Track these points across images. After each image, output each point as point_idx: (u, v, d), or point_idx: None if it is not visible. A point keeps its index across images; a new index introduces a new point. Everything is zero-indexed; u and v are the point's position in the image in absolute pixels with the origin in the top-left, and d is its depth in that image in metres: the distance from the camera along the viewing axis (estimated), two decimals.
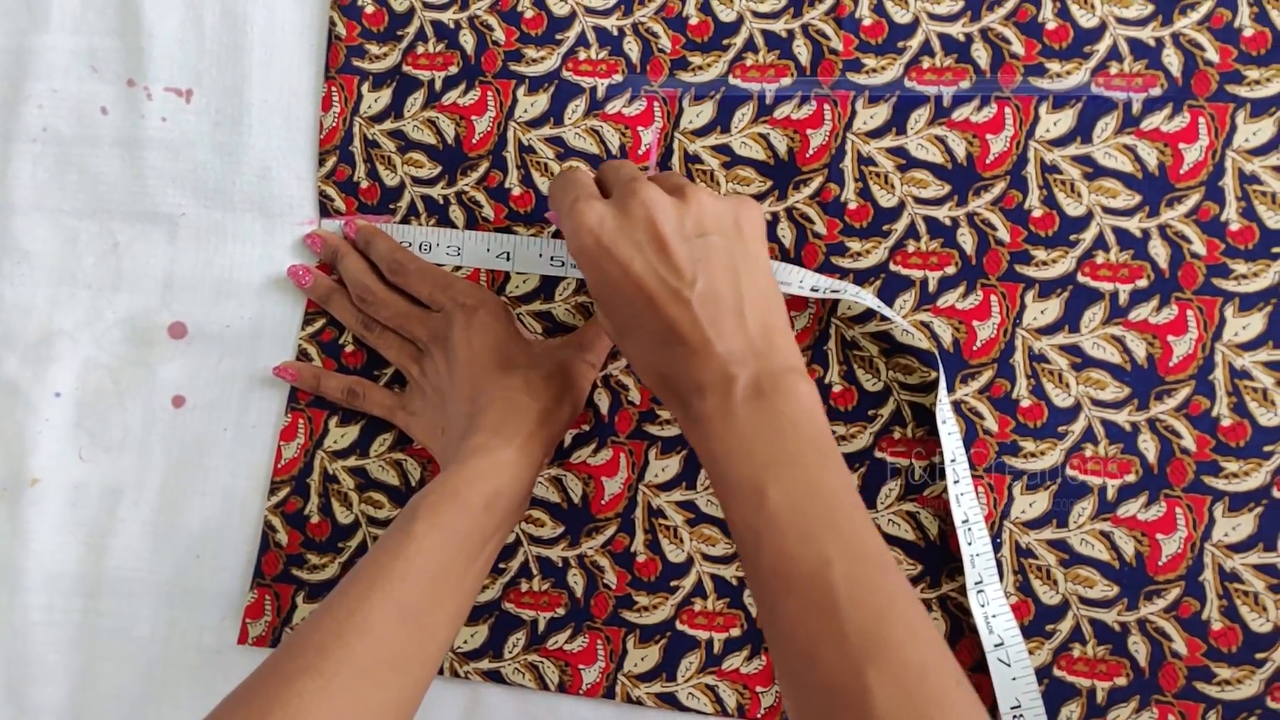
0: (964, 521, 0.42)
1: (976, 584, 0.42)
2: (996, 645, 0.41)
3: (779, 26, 0.46)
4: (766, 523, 0.31)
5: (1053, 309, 0.44)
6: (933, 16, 0.46)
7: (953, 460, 0.42)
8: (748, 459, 0.32)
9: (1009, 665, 0.41)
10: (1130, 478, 0.42)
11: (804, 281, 0.43)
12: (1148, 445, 0.42)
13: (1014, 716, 0.40)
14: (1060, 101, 0.44)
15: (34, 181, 0.50)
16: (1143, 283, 0.43)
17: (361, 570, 0.36)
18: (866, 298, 0.43)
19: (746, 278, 0.35)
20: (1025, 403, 0.43)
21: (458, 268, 0.47)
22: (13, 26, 0.50)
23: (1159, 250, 0.43)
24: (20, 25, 0.50)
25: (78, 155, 0.50)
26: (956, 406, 0.44)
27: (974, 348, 0.44)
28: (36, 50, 0.50)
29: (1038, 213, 0.44)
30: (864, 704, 0.28)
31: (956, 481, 0.42)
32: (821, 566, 0.30)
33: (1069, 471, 0.43)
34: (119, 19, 0.50)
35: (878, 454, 0.44)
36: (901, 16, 0.46)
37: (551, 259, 0.46)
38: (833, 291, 0.43)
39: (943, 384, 0.43)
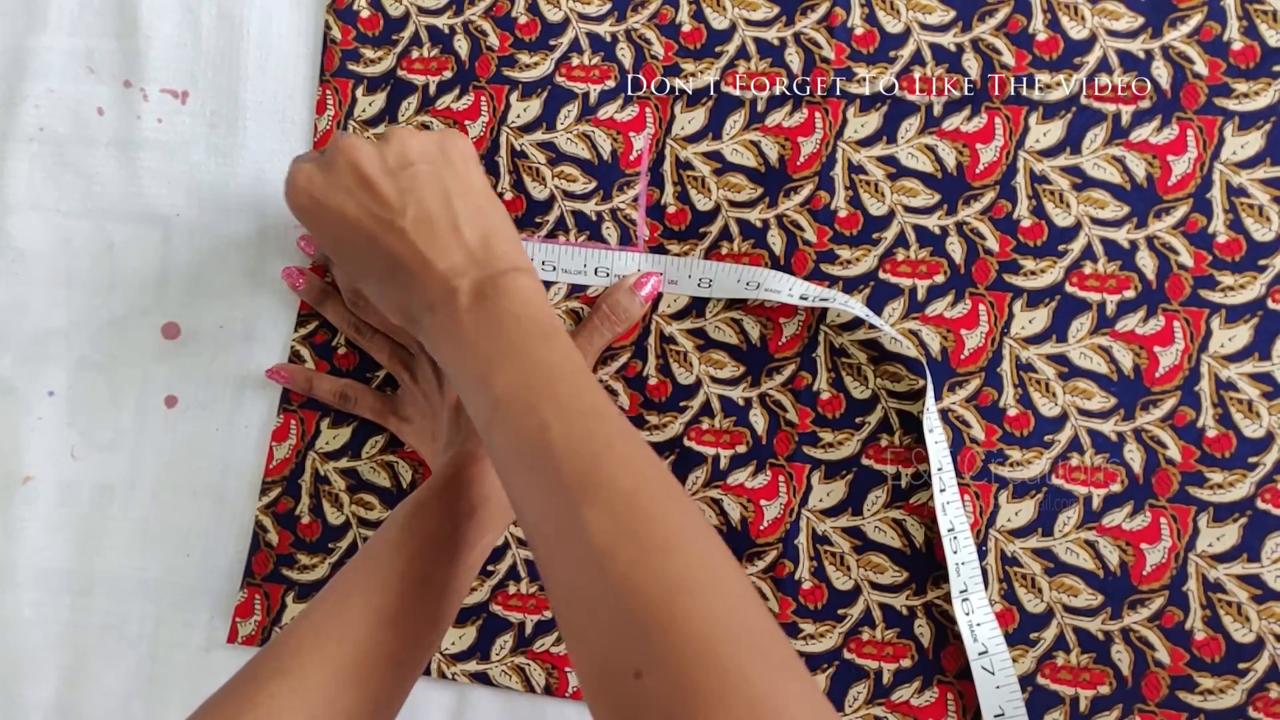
0: (950, 530, 0.42)
1: (961, 592, 0.42)
2: (981, 653, 0.41)
3: (771, 34, 0.47)
4: (494, 406, 0.33)
5: (1040, 319, 0.44)
6: (925, 27, 0.46)
7: (939, 469, 0.42)
8: (475, 356, 0.34)
9: (993, 673, 0.41)
10: (1116, 487, 0.43)
11: (793, 289, 0.44)
12: (1133, 455, 0.43)
13: None
14: (1050, 112, 0.45)
15: (30, 181, 0.50)
16: (1130, 293, 0.43)
17: (340, 577, 0.36)
18: (855, 306, 0.44)
19: (459, 198, 0.37)
20: (1012, 411, 0.44)
21: None
22: (10, 27, 0.51)
23: (1146, 261, 0.44)
24: (17, 26, 0.51)
25: (73, 155, 0.50)
26: (944, 415, 0.44)
27: (962, 356, 0.44)
28: (34, 50, 0.50)
29: (1026, 223, 0.44)
30: (581, 539, 0.29)
31: (943, 490, 0.42)
32: (542, 432, 0.31)
33: (1055, 480, 0.43)
34: (116, 20, 0.50)
35: (865, 461, 0.44)
36: (893, 26, 0.46)
37: (542, 264, 0.47)
38: (821, 300, 0.43)
39: (930, 392, 0.43)
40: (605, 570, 0.28)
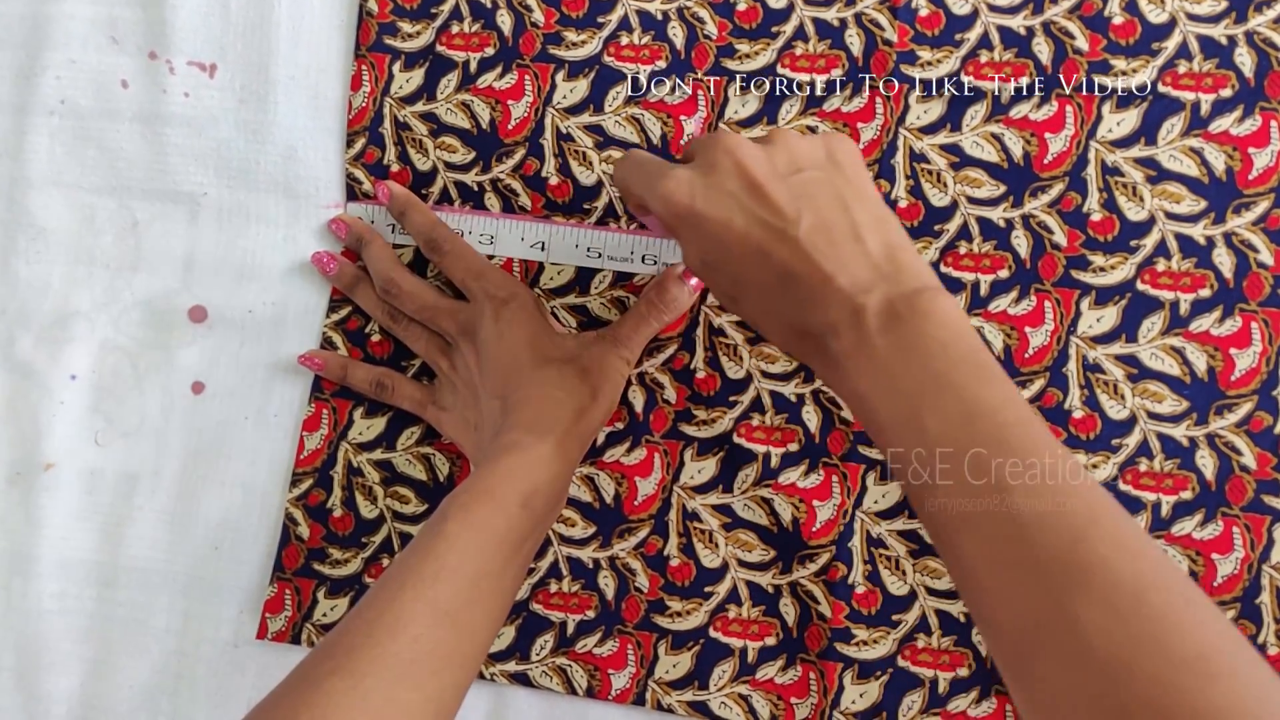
0: None
1: None
2: None
3: (831, 15, 0.44)
4: (929, 455, 0.28)
5: (1109, 317, 0.42)
6: (993, 8, 0.44)
7: None
8: (895, 391, 0.29)
9: None
10: (1186, 494, 0.41)
11: None
12: (1205, 461, 0.41)
13: None
14: (1124, 101, 0.43)
15: (51, 156, 0.48)
16: (1205, 292, 0.42)
17: (393, 572, 0.35)
18: None
19: (856, 204, 0.32)
20: (1078, 414, 0.42)
21: (491, 257, 0.45)
22: None
23: (1223, 259, 0.42)
24: None
25: (97, 129, 0.48)
26: None
27: (1026, 355, 0.42)
28: (55, 18, 0.48)
29: (1097, 216, 0.42)
30: (1074, 636, 0.25)
31: None
32: (1001, 496, 0.27)
33: (1122, 486, 0.41)
34: None
35: None
36: (960, 7, 0.44)
37: (588, 250, 0.45)
38: None
39: None
40: (1118, 686, 0.24)
